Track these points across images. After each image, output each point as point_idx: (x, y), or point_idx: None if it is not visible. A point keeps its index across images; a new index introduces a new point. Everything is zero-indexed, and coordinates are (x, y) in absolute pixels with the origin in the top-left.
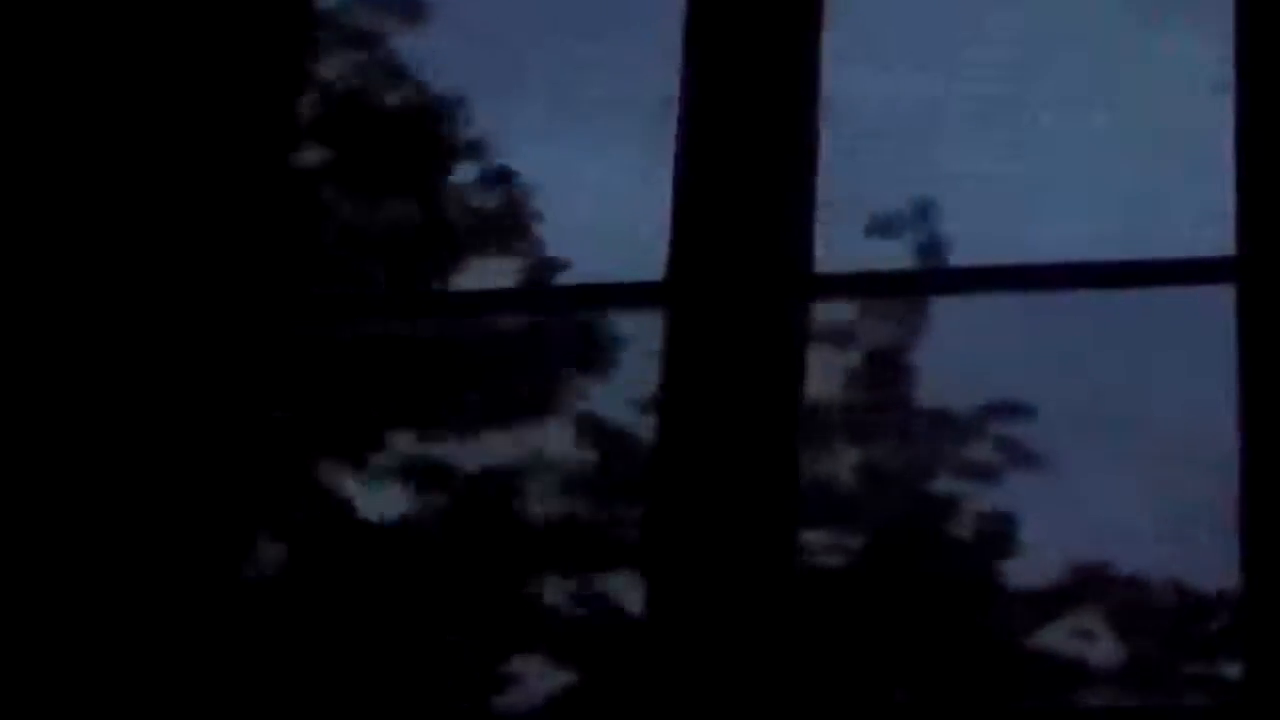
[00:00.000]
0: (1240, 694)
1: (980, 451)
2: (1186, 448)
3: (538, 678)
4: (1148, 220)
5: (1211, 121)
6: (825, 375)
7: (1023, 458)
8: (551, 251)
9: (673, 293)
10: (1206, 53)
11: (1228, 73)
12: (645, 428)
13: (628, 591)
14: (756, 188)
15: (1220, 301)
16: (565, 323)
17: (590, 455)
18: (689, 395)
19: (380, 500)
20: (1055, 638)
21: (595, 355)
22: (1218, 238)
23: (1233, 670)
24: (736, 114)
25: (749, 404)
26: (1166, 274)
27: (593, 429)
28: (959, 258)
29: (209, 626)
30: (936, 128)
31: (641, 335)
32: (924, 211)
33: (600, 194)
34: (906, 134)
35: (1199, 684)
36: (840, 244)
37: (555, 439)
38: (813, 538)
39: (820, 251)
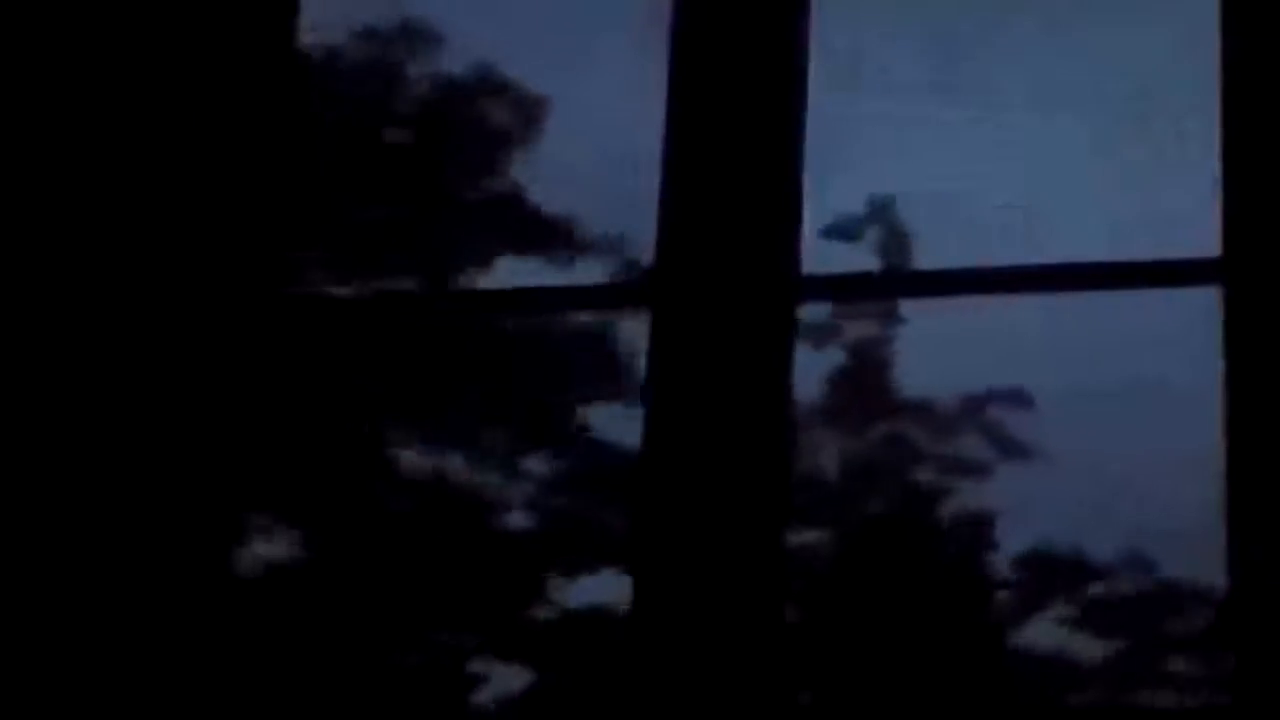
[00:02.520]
0: (1230, 693)
1: (967, 450)
2: (1171, 448)
3: (524, 677)
4: (1133, 221)
5: (1197, 122)
6: (814, 373)
7: (1008, 457)
8: (536, 252)
9: (657, 294)
10: (1192, 53)
11: (1214, 72)
12: (631, 430)
13: (614, 591)
14: (742, 189)
15: (1206, 303)
16: (549, 324)
17: (575, 456)
18: (674, 397)
19: (364, 498)
20: (1039, 636)
21: (579, 356)
22: (1203, 239)
23: (1220, 670)
24: (722, 115)
25: (735, 405)
26: (1152, 275)
27: (578, 430)
28: (946, 260)
29: (193, 621)
30: (923, 128)
31: (627, 337)
32: (909, 212)
33: (585, 194)
34: (892, 133)
35: (1186, 683)
36: (827, 245)
37: (539, 439)
38: (801, 536)
39: (807, 253)
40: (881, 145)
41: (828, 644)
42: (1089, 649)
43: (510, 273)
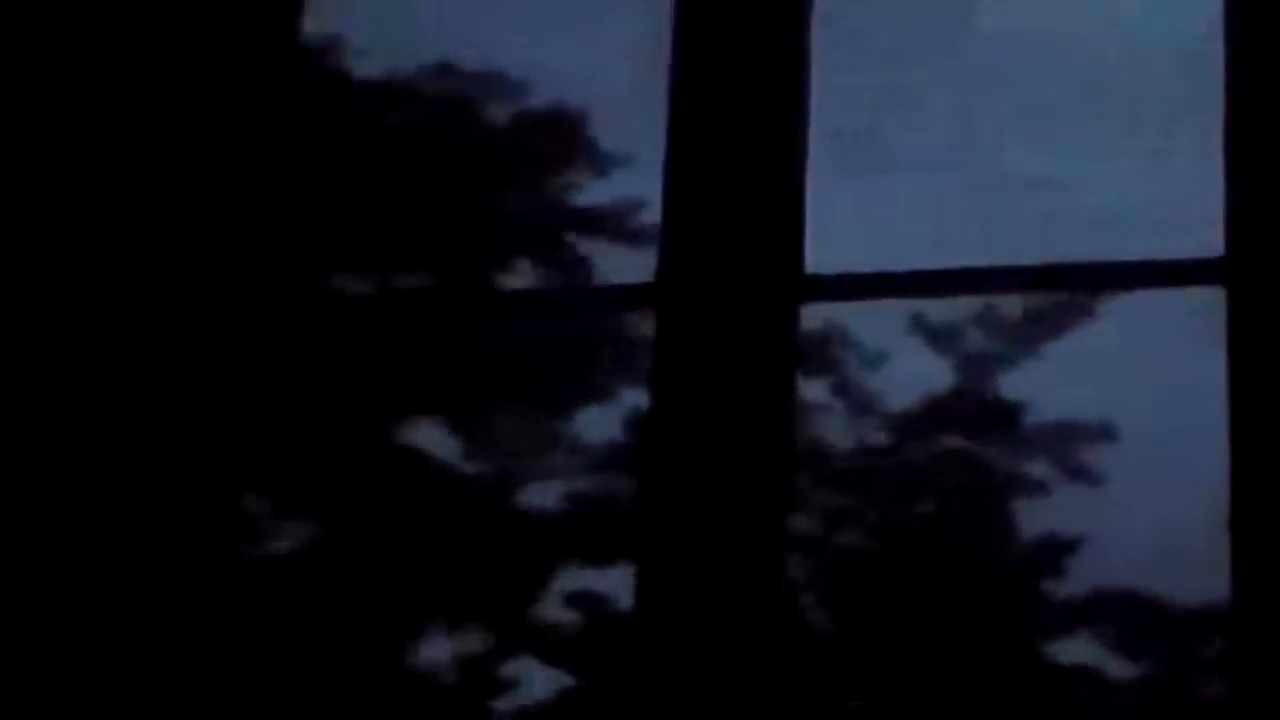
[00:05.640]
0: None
1: (963, 456)
2: (1173, 451)
3: (529, 675)
4: (1136, 221)
5: (1201, 120)
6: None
7: (1004, 463)
8: (540, 254)
9: (663, 295)
10: (1197, 51)
11: (1219, 69)
12: (636, 431)
13: (618, 591)
14: (746, 189)
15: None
16: (554, 325)
17: (580, 456)
18: (680, 397)
19: (369, 497)
20: (1041, 648)
21: (585, 357)
22: (1207, 239)
23: (1223, 686)
24: (725, 114)
25: (741, 407)
26: (1155, 275)
27: (583, 429)
28: (947, 259)
29: (196, 619)
30: (920, 124)
31: (632, 337)
32: (914, 210)
33: (590, 195)
34: (892, 130)
35: (1192, 700)
36: (833, 244)
37: (545, 438)
38: (808, 539)
39: (812, 252)
40: (884, 142)
41: (852, 647)
42: (1089, 662)
43: (518, 274)
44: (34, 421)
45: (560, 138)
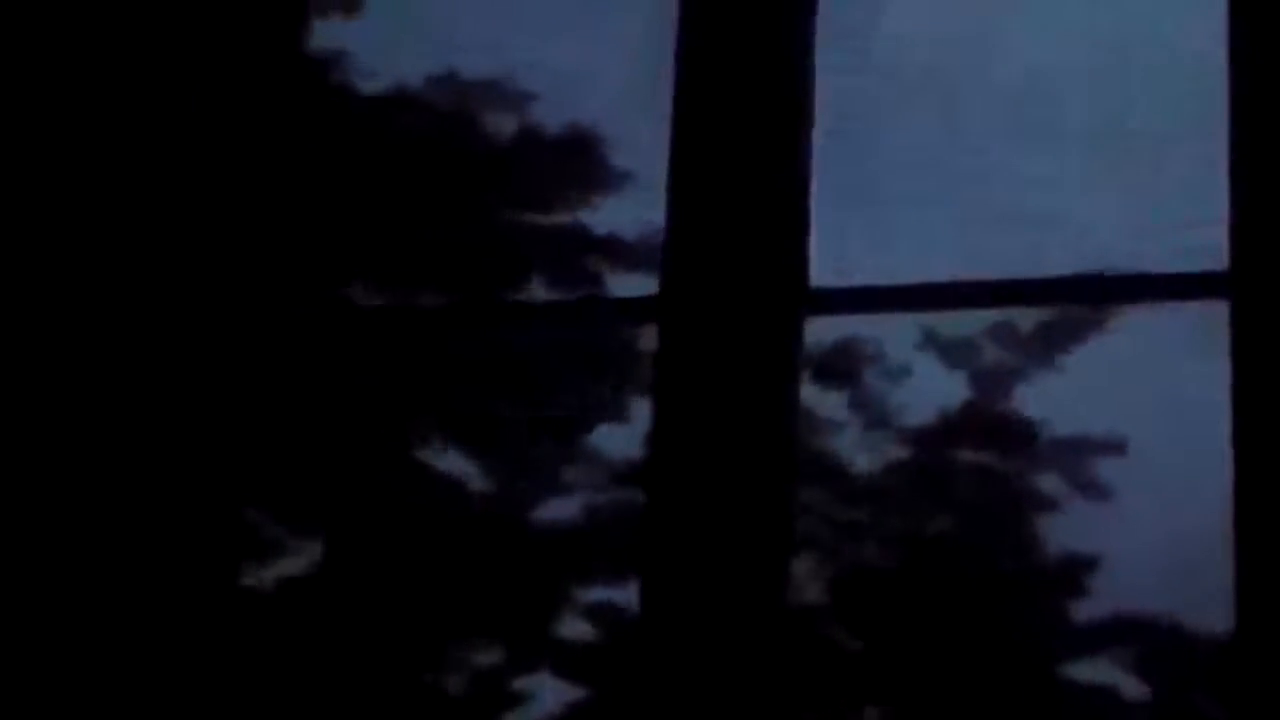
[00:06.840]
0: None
1: (967, 471)
2: (1181, 464)
3: (539, 688)
4: (1141, 235)
5: (1206, 134)
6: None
7: (1009, 478)
8: (544, 268)
9: (667, 307)
10: (1201, 65)
11: (1222, 84)
12: (640, 443)
13: (625, 604)
14: (750, 201)
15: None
16: (558, 338)
17: (586, 468)
18: (682, 409)
19: (373, 510)
20: (1052, 661)
21: (589, 369)
22: (1212, 252)
23: (1228, 697)
24: (729, 126)
25: (744, 418)
26: (1160, 288)
27: (588, 441)
28: (953, 272)
29: (205, 634)
30: (920, 133)
31: (638, 350)
32: (914, 221)
33: (595, 207)
34: (891, 135)
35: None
36: (838, 257)
37: (550, 450)
38: (817, 551)
39: (817, 265)
40: (884, 149)
41: (860, 660)
42: (1094, 675)
43: (522, 287)
44: (39, 432)
45: (563, 150)
